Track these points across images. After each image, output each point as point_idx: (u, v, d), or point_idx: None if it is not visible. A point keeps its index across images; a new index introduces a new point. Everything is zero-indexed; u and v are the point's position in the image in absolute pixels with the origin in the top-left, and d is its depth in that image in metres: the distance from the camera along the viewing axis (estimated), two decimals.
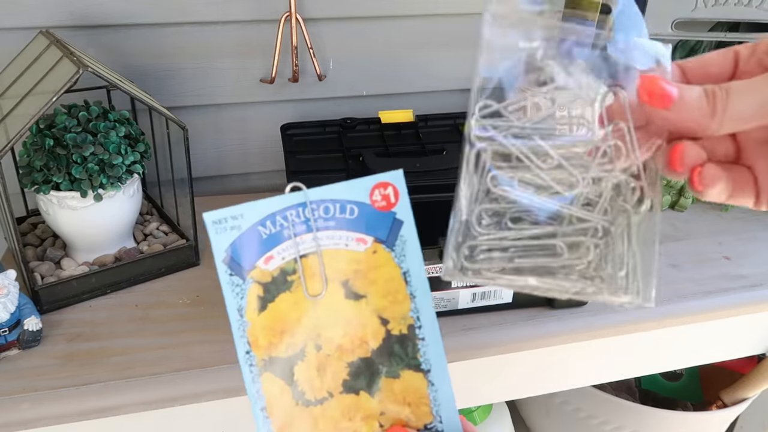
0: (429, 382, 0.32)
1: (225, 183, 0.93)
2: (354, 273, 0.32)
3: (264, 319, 0.32)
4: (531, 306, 0.67)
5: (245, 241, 0.31)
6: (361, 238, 0.32)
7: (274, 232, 0.31)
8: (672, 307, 0.69)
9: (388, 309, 0.32)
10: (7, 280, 0.57)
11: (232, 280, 0.31)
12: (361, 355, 0.32)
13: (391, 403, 0.32)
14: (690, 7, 0.83)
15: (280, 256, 0.32)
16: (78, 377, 0.56)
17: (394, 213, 0.32)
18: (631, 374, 0.77)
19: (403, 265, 0.32)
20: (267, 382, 0.32)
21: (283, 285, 0.32)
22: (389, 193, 0.32)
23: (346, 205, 0.32)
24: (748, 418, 1.09)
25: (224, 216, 0.31)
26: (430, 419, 0.32)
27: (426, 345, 0.32)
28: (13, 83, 0.64)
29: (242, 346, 0.32)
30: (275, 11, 0.81)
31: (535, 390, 0.74)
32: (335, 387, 0.32)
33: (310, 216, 0.31)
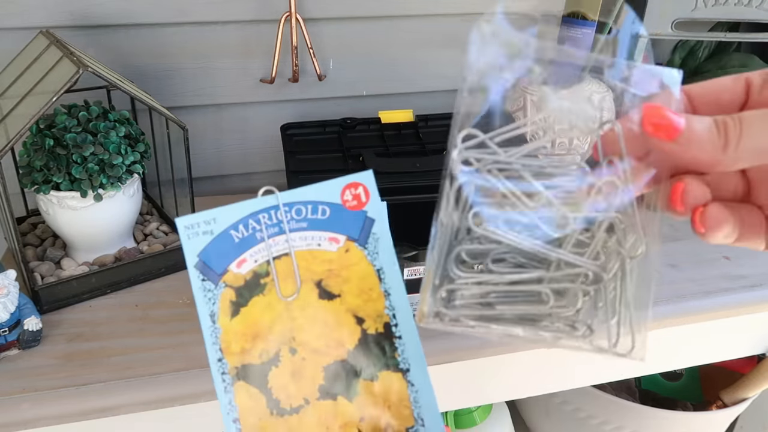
0: (408, 383, 0.31)
1: (225, 183, 0.93)
2: (327, 272, 0.32)
3: (237, 324, 0.31)
4: None
5: (218, 246, 0.31)
6: (333, 238, 0.32)
7: (246, 235, 0.31)
8: (672, 307, 0.69)
9: (362, 307, 0.32)
10: (7, 280, 0.57)
11: (204, 285, 0.31)
12: (337, 358, 0.31)
13: (371, 408, 0.31)
14: (690, 7, 0.83)
15: (252, 259, 0.31)
16: (78, 377, 0.55)
17: (366, 212, 0.32)
18: (631, 374, 0.77)
19: (376, 262, 0.32)
20: (240, 391, 0.31)
21: (256, 288, 0.31)
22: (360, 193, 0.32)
23: (318, 206, 0.32)
24: (748, 418, 1.09)
25: (196, 221, 0.31)
26: (411, 422, 0.31)
27: (403, 343, 0.32)
28: (13, 83, 0.64)
29: (214, 353, 0.32)
30: (275, 11, 0.81)
31: (535, 390, 0.74)
32: (311, 393, 0.31)
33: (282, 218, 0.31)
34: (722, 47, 0.93)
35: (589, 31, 0.83)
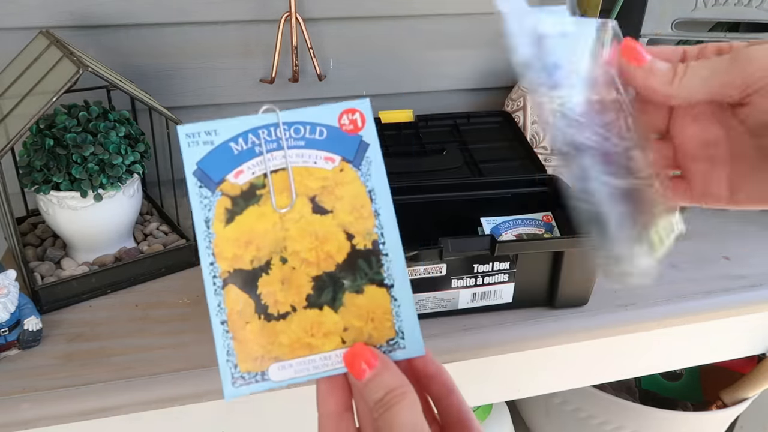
0: (392, 297, 0.33)
1: None
2: (321, 189, 0.33)
3: (230, 231, 0.32)
4: (531, 306, 0.67)
5: (217, 156, 0.32)
6: (329, 157, 0.33)
7: (245, 148, 0.32)
8: (672, 307, 0.69)
9: (353, 224, 0.33)
10: (7, 280, 0.57)
11: (200, 192, 0.32)
12: (326, 269, 0.33)
13: (354, 319, 0.32)
14: (690, 7, 0.83)
15: (250, 171, 0.32)
16: (78, 377, 0.55)
17: (361, 136, 0.33)
18: (631, 374, 0.77)
19: (369, 183, 0.33)
20: (230, 294, 0.32)
21: (251, 198, 0.32)
22: (356, 119, 0.33)
23: (316, 127, 0.33)
24: (748, 418, 1.09)
25: (198, 130, 0.32)
26: (392, 335, 0.33)
27: (389, 261, 0.33)
28: (13, 83, 0.64)
29: (206, 257, 0.32)
30: (275, 11, 0.81)
31: (535, 390, 0.74)
32: (299, 301, 0.32)
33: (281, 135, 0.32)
34: None
35: None
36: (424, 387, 0.34)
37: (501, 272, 0.63)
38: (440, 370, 0.34)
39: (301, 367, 0.32)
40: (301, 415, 0.63)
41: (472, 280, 0.62)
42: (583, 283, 0.66)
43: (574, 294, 0.66)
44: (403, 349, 0.33)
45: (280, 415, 0.63)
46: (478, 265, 0.61)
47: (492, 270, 0.62)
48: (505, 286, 0.64)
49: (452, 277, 0.61)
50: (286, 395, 0.59)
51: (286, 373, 0.32)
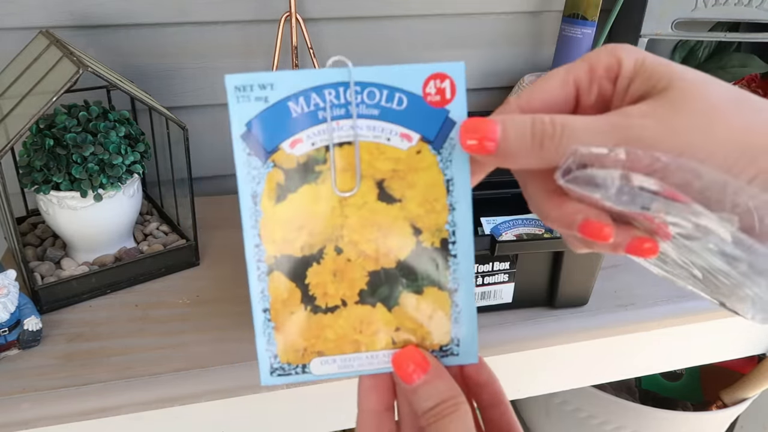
0: (453, 302, 0.29)
1: (225, 183, 0.93)
2: (392, 173, 0.28)
3: (281, 210, 0.28)
4: (531, 306, 0.67)
5: (271, 117, 0.27)
6: (405, 134, 0.28)
7: (306, 111, 0.27)
8: (672, 307, 0.69)
9: (423, 218, 0.29)
10: (7, 280, 0.57)
11: (249, 160, 0.27)
12: (384, 266, 0.29)
13: (409, 320, 0.29)
14: (690, 7, 0.83)
15: (309, 141, 0.28)
16: (78, 377, 0.55)
17: (447, 111, 0.28)
18: (631, 374, 0.77)
19: (448, 171, 0.28)
20: (275, 281, 0.29)
21: (309, 175, 0.28)
22: (445, 87, 0.27)
23: (395, 94, 0.28)
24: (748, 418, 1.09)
25: (250, 82, 0.27)
26: (447, 341, 0.30)
27: (457, 263, 0.29)
28: (13, 83, 0.64)
29: (252, 238, 0.28)
30: (275, 11, 0.81)
31: (535, 390, 0.74)
32: (351, 296, 0.29)
33: (351, 99, 0.28)
34: (722, 47, 0.93)
35: (589, 31, 0.83)
36: (473, 394, 0.32)
37: (501, 272, 0.63)
38: (492, 379, 0.32)
39: (345, 363, 0.30)
40: (301, 416, 0.63)
41: None
42: (583, 283, 0.66)
43: (574, 294, 0.66)
44: (456, 356, 0.30)
45: (281, 415, 0.63)
46: (478, 265, 0.61)
47: (492, 270, 0.62)
48: (505, 286, 0.64)
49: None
50: (286, 395, 0.59)
51: (328, 368, 0.30)
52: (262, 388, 0.57)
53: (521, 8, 0.91)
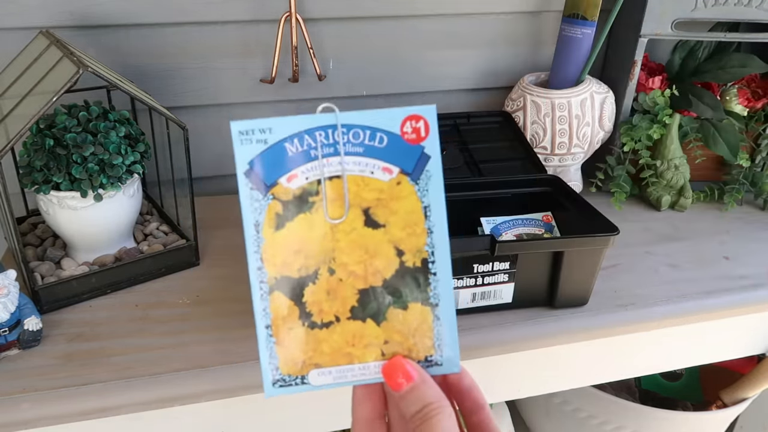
0: (435, 317, 0.33)
1: (225, 183, 0.93)
2: (376, 201, 0.32)
3: (280, 236, 0.32)
4: (531, 306, 0.67)
5: (270, 156, 0.31)
6: (387, 168, 0.32)
7: (300, 151, 0.31)
8: (672, 307, 0.69)
9: (405, 241, 0.32)
10: (7, 280, 0.57)
11: (251, 194, 0.31)
12: (372, 284, 0.32)
13: (396, 333, 0.33)
14: (690, 7, 0.83)
15: (303, 176, 0.32)
16: (78, 377, 0.55)
17: (423, 147, 0.32)
18: (631, 374, 0.77)
19: (425, 199, 0.32)
20: (275, 300, 0.32)
21: (303, 205, 0.32)
22: (420, 127, 0.32)
23: (376, 133, 0.32)
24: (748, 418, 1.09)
25: (252, 128, 0.31)
26: (431, 352, 0.33)
27: (437, 280, 0.33)
28: (13, 83, 0.64)
29: (254, 261, 0.32)
30: (275, 11, 0.81)
31: (535, 390, 0.74)
32: (343, 312, 0.32)
33: (339, 139, 0.31)
34: (722, 47, 0.93)
35: (589, 31, 0.83)
36: (456, 401, 0.35)
37: (501, 272, 0.63)
38: (473, 386, 0.35)
39: (339, 374, 0.33)
40: (301, 416, 0.63)
41: (472, 280, 0.62)
42: (583, 283, 0.66)
43: (574, 294, 0.66)
44: (440, 366, 0.33)
45: (281, 415, 0.63)
46: (478, 265, 0.61)
47: (492, 270, 0.62)
48: (505, 286, 0.64)
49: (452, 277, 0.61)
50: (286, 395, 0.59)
51: (325, 378, 0.33)
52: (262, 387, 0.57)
53: (521, 8, 0.91)
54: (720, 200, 0.93)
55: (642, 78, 0.89)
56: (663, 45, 0.98)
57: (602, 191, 0.92)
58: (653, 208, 0.91)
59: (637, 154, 0.87)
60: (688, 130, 0.89)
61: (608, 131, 0.88)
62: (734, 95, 0.91)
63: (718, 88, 0.93)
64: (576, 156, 0.86)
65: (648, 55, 0.96)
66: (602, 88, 0.86)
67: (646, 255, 0.79)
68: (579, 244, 0.62)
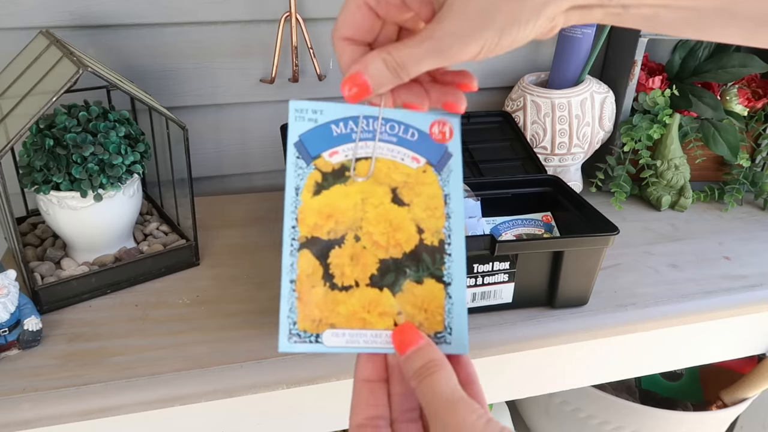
0: (447, 294, 0.35)
1: (225, 183, 0.93)
2: (404, 183, 0.36)
3: (316, 201, 0.35)
4: (531, 306, 0.67)
5: (318, 134, 0.36)
6: (415, 157, 0.36)
7: (344, 132, 0.36)
8: (672, 307, 0.69)
9: (425, 221, 0.36)
10: (7, 280, 0.57)
11: (297, 162, 0.35)
12: (393, 255, 0.35)
13: (409, 306, 0.35)
14: None
15: (344, 153, 0.36)
16: (78, 377, 0.56)
17: (447, 146, 0.37)
18: (631, 374, 0.77)
19: (446, 188, 0.36)
20: (303, 258, 0.35)
21: (340, 177, 0.36)
22: (446, 130, 0.37)
23: (409, 128, 0.36)
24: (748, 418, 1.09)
25: (306, 107, 0.35)
26: (441, 328, 0.35)
27: (451, 260, 0.36)
28: (13, 83, 0.64)
29: (290, 221, 0.35)
30: (275, 11, 0.81)
31: (535, 390, 0.74)
32: (363, 278, 0.35)
33: (377, 128, 0.36)
34: (722, 47, 0.93)
35: (589, 31, 0.83)
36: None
37: (501, 272, 0.63)
38: (468, 361, 0.36)
39: (352, 338, 0.34)
40: (301, 416, 0.63)
41: (472, 280, 0.62)
42: (583, 283, 0.66)
43: (574, 294, 0.66)
44: (449, 344, 0.35)
45: (281, 415, 0.63)
46: (478, 265, 0.61)
47: (492, 270, 0.62)
48: (505, 286, 0.64)
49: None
50: (286, 396, 0.59)
51: (338, 340, 0.34)
52: (262, 387, 0.57)
53: None
54: (720, 200, 0.93)
55: (642, 78, 0.89)
56: (663, 45, 0.98)
57: (602, 191, 0.92)
58: (653, 208, 0.91)
59: (637, 154, 0.87)
60: (688, 130, 0.89)
61: (608, 131, 0.88)
62: (734, 95, 0.91)
63: (718, 88, 0.93)
64: (576, 156, 0.86)
65: (648, 55, 0.96)
66: (602, 88, 0.86)
67: (646, 255, 0.79)
68: (579, 244, 0.62)
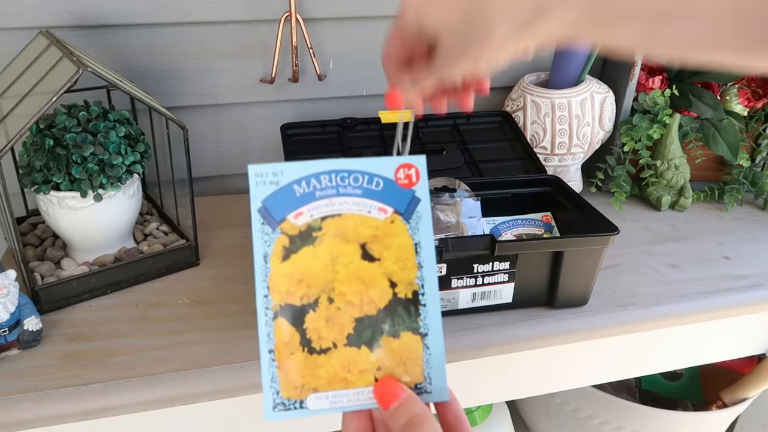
0: (425, 346, 0.35)
1: (225, 183, 0.93)
2: (372, 237, 0.35)
3: (286, 267, 0.35)
4: (531, 306, 0.67)
5: (280, 196, 0.35)
6: (382, 208, 0.36)
7: (307, 191, 0.35)
8: (672, 307, 0.69)
9: (397, 274, 0.35)
10: (7, 280, 0.57)
11: (262, 228, 0.35)
12: (368, 313, 0.35)
13: (388, 360, 0.35)
14: None
15: (309, 213, 0.35)
16: (78, 377, 0.56)
17: (414, 191, 0.36)
18: (631, 374, 0.77)
19: (416, 237, 0.36)
20: (279, 326, 0.35)
21: (308, 239, 0.35)
22: (412, 173, 0.36)
23: (374, 178, 0.36)
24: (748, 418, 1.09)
25: (266, 171, 0.35)
26: (421, 379, 0.35)
27: (426, 311, 0.35)
28: (13, 83, 0.64)
29: (262, 289, 0.35)
30: (275, 11, 0.81)
31: (535, 390, 0.74)
32: (340, 339, 0.35)
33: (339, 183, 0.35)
34: None
35: None
36: (439, 415, 0.37)
37: (501, 272, 0.63)
38: (455, 400, 0.37)
39: (335, 399, 0.35)
40: None
41: (472, 280, 0.62)
42: (583, 283, 0.66)
43: (574, 294, 0.66)
44: (429, 393, 0.35)
45: None
46: (478, 265, 0.61)
47: (492, 270, 0.62)
48: (505, 286, 0.64)
49: (452, 277, 0.62)
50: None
51: (322, 403, 0.35)
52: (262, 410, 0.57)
53: None
54: (720, 200, 0.93)
55: (642, 78, 0.89)
56: None
57: (602, 191, 0.92)
58: (653, 208, 0.91)
59: (637, 154, 0.87)
60: (688, 130, 0.89)
61: (608, 131, 0.88)
62: (734, 95, 0.91)
63: (718, 88, 0.93)
64: (576, 156, 0.86)
65: None
66: (602, 88, 0.86)
67: (646, 255, 0.79)
68: (579, 244, 0.62)
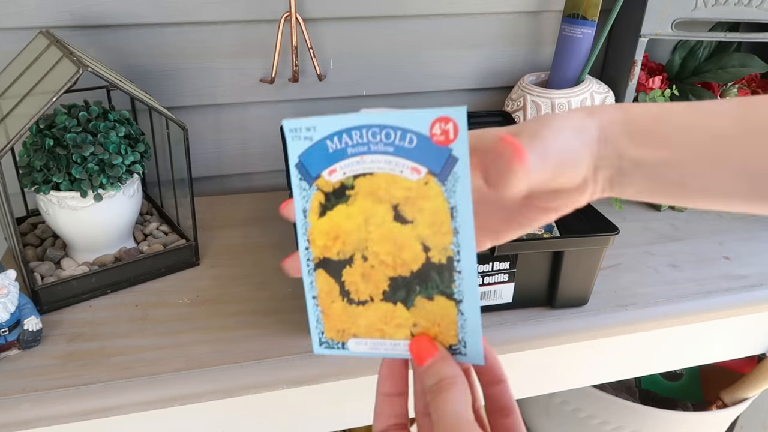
0: (459, 311, 0.34)
1: (225, 183, 0.93)
2: (404, 199, 0.34)
3: (322, 223, 0.35)
4: (531, 306, 0.67)
5: (315, 152, 0.34)
6: (415, 168, 0.33)
7: (339, 147, 0.34)
8: (672, 307, 0.69)
9: (431, 238, 0.34)
10: (7, 280, 0.57)
11: (300, 184, 0.35)
12: (401, 273, 0.35)
13: (423, 320, 0.35)
14: (690, 7, 0.83)
15: (341, 171, 0.34)
16: (78, 377, 0.56)
17: (451, 149, 0.32)
18: (631, 374, 0.77)
19: (452, 200, 0.33)
20: (320, 277, 0.36)
21: (341, 197, 0.35)
22: (449, 129, 0.32)
23: (407, 134, 0.33)
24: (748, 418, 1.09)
25: (299, 126, 0.34)
26: (455, 342, 0.35)
27: (461, 278, 0.34)
28: (13, 83, 0.64)
29: (303, 242, 0.35)
30: (275, 11, 0.81)
31: (535, 390, 0.74)
32: (376, 294, 0.35)
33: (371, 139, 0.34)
34: (722, 47, 0.93)
35: (589, 31, 0.83)
36: (477, 373, 0.37)
37: (501, 272, 0.63)
38: (494, 359, 0.37)
39: (374, 345, 0.36)
40: (301, 416, 0.63)
41: None
42: (583, 283, 0.66)
43: (574, 294, 0.66)
44: (464, 356, 0.35)
45: (281, 415, 0.63)
46: (478, 265, 0.61)
47: (492, 270, 0.62)
48: (505, 286, 0.64)
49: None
50: (286, 396, 0.59)
51: (361, 347, 0.36)
52: (262, 387, 0.57)
53: (521, 8, 0.91)
54: None
55: (642, 78, 0.89)
56: (663, 45, 0.98)
57: None
58: (653, 208, 0.91)
59: None
60: None
61: None
62: (734, 95, 0.91)
63: (718, 88, 0.93)
64: None
65: (648, 55, 0.96)
66: (602, 88, 0.86)
67: (646, 255, 0.79)
68: (579, 244, 0.62)
